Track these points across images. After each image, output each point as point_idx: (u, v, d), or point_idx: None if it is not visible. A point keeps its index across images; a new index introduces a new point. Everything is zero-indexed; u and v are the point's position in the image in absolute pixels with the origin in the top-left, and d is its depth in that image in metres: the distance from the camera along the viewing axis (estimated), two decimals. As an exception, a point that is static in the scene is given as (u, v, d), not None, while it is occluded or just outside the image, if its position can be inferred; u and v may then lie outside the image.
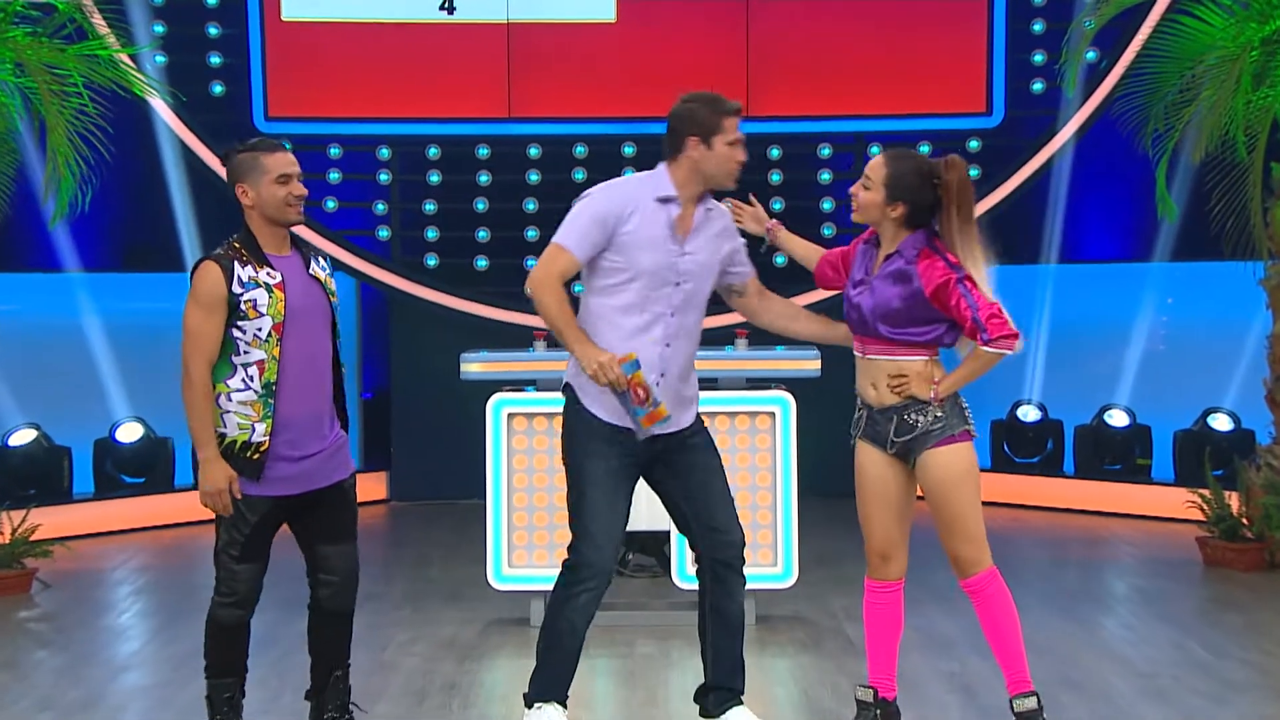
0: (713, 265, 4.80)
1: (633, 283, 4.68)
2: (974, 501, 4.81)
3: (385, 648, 6.51)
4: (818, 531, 8.75)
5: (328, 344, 4.79)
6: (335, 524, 4.85)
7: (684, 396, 4.79)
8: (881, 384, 4.80)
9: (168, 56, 10.45)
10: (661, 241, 4.69)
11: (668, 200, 4.72)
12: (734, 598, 4.84)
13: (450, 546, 9.01)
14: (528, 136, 10.84)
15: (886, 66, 10.71)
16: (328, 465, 4.79)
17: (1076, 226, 11.20)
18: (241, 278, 4.66)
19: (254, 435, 4.66)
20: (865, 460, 4.91)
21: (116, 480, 10.00)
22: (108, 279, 10.64)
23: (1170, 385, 10.62)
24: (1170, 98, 8.18)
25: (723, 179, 4.75)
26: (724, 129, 4.72)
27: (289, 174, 4.71)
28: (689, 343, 4.79)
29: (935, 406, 4.75)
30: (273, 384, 4.66)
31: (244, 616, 4.81)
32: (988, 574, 4.84)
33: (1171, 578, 8.01)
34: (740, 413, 6.78)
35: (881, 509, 4.89)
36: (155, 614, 7.45)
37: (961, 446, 4.78)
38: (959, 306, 4.66)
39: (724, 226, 4.87)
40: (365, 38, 10.68)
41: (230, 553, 4.73)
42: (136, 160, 10.37)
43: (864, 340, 4.82)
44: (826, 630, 6.78)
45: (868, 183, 4.79)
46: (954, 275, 4.67)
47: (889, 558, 4.92)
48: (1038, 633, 6.63)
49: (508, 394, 6.80)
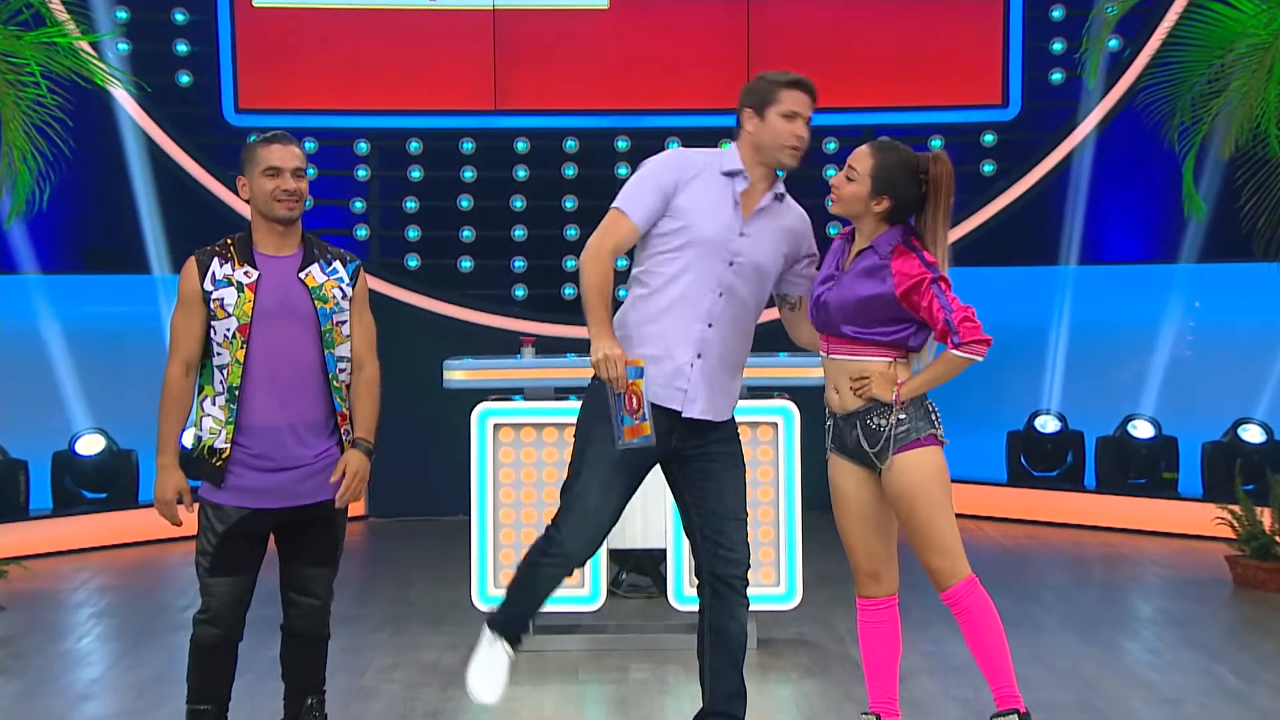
0: (773, 256, 4.82)
1: (685, 250, 4.72)
2: (943, 508, 4.80)
3: (364, 673, 6.50)
4: (823, 549, 8.72)
5: (312, 352, 4.75)
6: (315, 547, 4.84)
7: (719, 388, 4.79)
8: (844, 387, 4.81)
9: (131, 44, 10.46)
10: (722, 212, 4.75)
11: (734, 174, 4.80)
12: (735, 617, 4.84)
13: (433, 566, 9.00)
14: (515, 130, 10.86)
15: (896, 55, 10.74)
16: (309, 483, 4.75)
17: (1098, 225, 11.22)
18: (216, 275, 4.69)
19: (218, 440, 4.69)
20: (838, 474, 4.92)
21: (76, 495, 9.98)
22: (67, 281, 10.64)
23: (1198, 394, 10.63)
24: (1198, 88, 8.18)
25: (778, 154, 4.78)
26: (779, 99, 4.77)
27: (279, 167, 4.71)
28: (736, 334, 4.79)
29: (898, 409, 4.76)
30: (235, 388, 4.67)
31: (222, 637, 4.78)
32: (966, 584, 4.85)
33: (1199, 599, 8.01)
34: (741, 423, 6.70)
35: (860, 524, 4.90)
36: (117, 638, 7.43)
37: (927, 451, 4.78)
38: (931, 307, 4.68)
39: (796, 224, 4.91)
40: (342, 25, 10.70)
41: (202, 564, 4.75)
42: (98, 155, 10.38)
43: (829, 339, 4.83)
44: (832, 654, 6.78)
45: (852, 174, 4.81)
46: (929, 275, 4.70)
47: (878, 575, 4.94)
48: (1057, 657, 6.63)
49: (494, 404, 6.79)
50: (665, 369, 4.72)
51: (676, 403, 4.72)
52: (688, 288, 4.73)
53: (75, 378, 10.49)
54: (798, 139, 4.78)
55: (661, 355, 4.72)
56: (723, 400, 4.82)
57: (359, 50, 10.70)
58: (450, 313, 10.61)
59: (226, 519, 4.71)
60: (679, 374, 4.72)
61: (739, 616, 4.85)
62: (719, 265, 4.73)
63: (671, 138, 10.50)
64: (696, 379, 4.73)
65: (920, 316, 4.72)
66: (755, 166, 4.80)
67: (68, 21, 8.46)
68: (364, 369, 4.88)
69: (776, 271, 4.86)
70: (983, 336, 4.69)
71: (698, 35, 10.67)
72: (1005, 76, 10.77)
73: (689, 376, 4.73)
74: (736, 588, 4.83)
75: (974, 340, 4.68)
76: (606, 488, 4.73)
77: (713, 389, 4.77)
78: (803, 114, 4.79)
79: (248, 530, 4.73)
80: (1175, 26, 8.53)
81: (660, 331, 4.73)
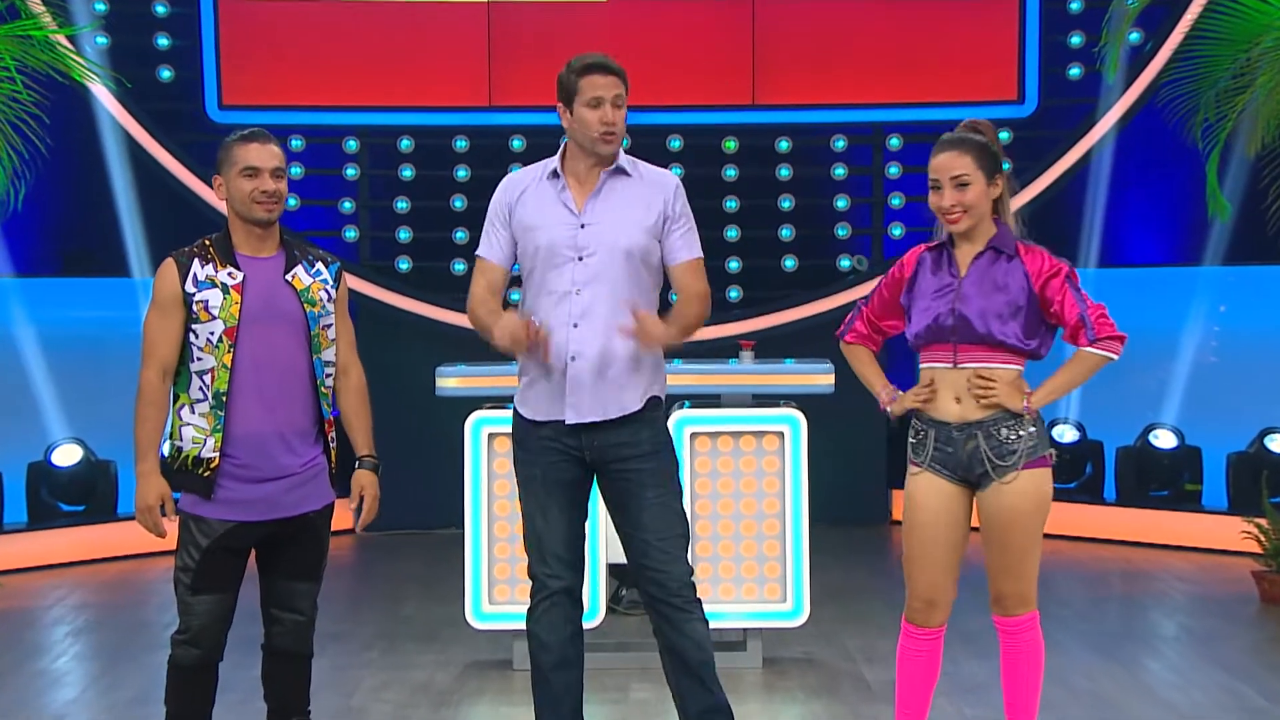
0: (631, 233, 4.80)
1: (535, 261, 4.83)
2: (1040, 534, 4.79)
3: (353, 693, 6.50)
4: (830, 564, 8.76)
5: (300, 357, 4.76)
6: (300, 561, 4.84)
7: (608, 384, 4.78)
8: (966, 394, 4.73)
9: (110, 38, 10.48)
10: (554, 214, 4.82)
11: (556, 174, 4.87)
12: (686, 634, 4.81)
13: (425, 581, 9.01)
14: (510, 127, 10.88)
15: (907, 50, 10.75)
16: (296, 493, 4.77)
17: (1118, 227, 11.23)
18: (198, 276, 4.69)
19: (204, 450, 4.68)
20: (925, 492, 4.81)
21: (53, 508, 9.99)
22: (44, 284, 10.66)
23: (1222, 403, 10.64)
24: (1222, 84, 8.20)
25: (593, 146, 4.80)
26: (579, 89, 4.79)
27: (257, 167, 4.72)
28: (606, 325, 4.76)
29: (1028, 420, 4.74)
30: (222, 394, 4.67)
31: (203, 658, 4.76)
32: (1032, 617, 4.85)
33: (1224, 616, 8.02)
34: (745, 432, 6.79)
35: (934, 548, 4.80)
36: (95, 657, 7.44)
37: (1046, 472, 4.76)
38: (1065, 302, 4.66)
39: (648, 190, 4.88)
40: (330, 17, 10.72)
41: (184, 580, 4.73)
42: (76, 153, 10.38)
43: (959, 347, 4.74)
44: (841, 673, 6.78)
45: (965, 178, 4.74)
46: (1063, 268, 4.70)
47: (936, 604, 4.85)
48: (1076, 675, 6.64)
49: (488, 412, 6.80)
50: (548, 383, 4.80)
51: (560, 412, 4.79)
52: (544, 296, 4.81)
53: (51, 385, 10.50)
54: (605, 125, 4.77)
55: (539, 372, 4.81)
56: (614, 396, 4.79)
57: (348, 44, 10.72)
58: (443, 317, 10.62)
59: (211, 533, 4.69)
60: (558, 383, 4.78)
61: (690, 632, 4.81)
62: (569, 265, 4.78)
63: (673, 135, 10.52)
64: (575, 382, 4.77)
65: (1050, 312, 4.70)
66: (581, 160, 4.86)
67: (44, 14, 8.47)
68: (350, 374, 4.93)
69: (646, 242, 4.82)
70: (1118, 333, 4.66)
71: (700, 29, 10.68)
72: (1021, 71, 10.78)
73: (567, 382, 4.77)
74: (677, 605, 4.80)
75: (1109, 337, 4.66)
76: (542, 507, 4.85)
77: (598, 388, 4.78)
78: (606, 97, 4.77)
79: (232, 545, 4.72)
80: (1198, 19, 8.55)
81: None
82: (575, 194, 4.84)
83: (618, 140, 4.83)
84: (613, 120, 4.78)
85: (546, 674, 4.90)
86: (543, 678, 4.91)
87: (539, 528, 4.86)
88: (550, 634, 4.87)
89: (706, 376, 6.85)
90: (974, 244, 4.79)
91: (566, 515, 4.86)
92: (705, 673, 4.84)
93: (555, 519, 4.84)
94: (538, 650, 4.90)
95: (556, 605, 4.85)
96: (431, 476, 10.03)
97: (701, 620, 4.84)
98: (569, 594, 4.86)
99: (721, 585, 6.78)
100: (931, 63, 10.74)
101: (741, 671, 6.73)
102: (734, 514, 6.75)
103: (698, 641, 4.83)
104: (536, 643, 4.90)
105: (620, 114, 4.81)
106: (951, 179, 4.74)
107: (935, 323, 4.76)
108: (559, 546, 4.85)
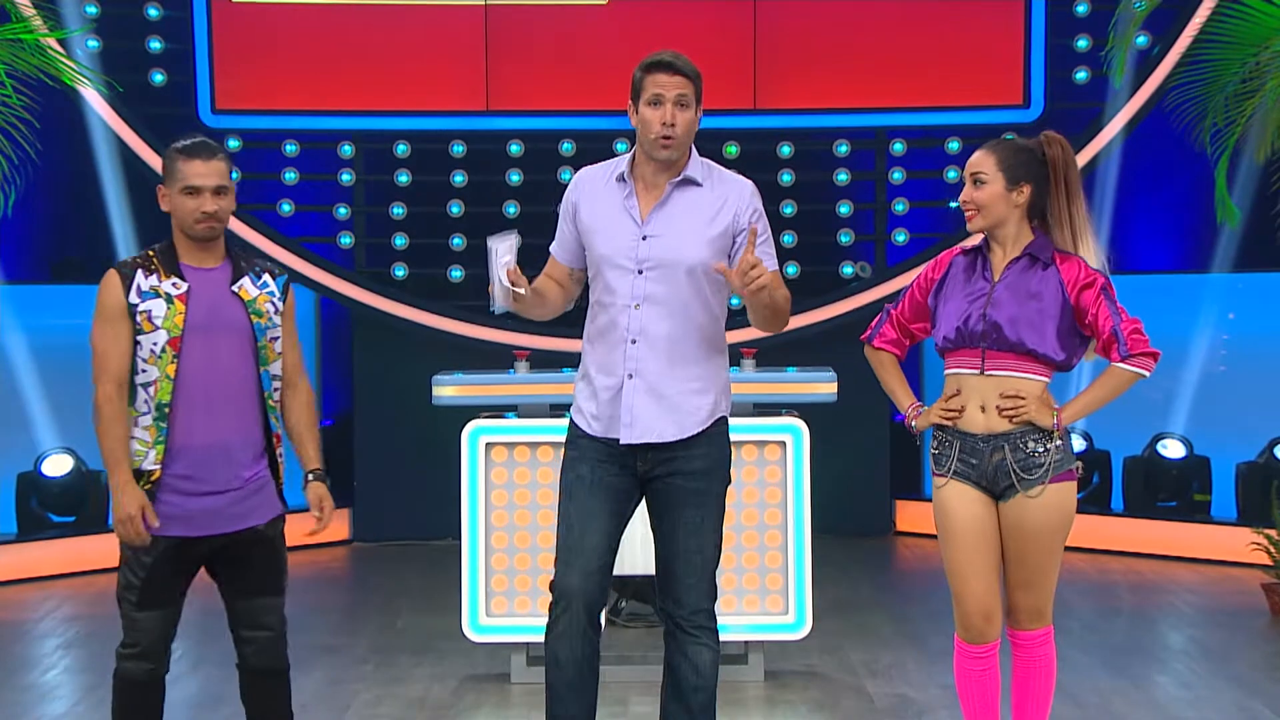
0: (694, 247, 4.65)
1: (597, 269, 4.74)
2: (1061, 548, 4.80)
3: (348, 707, 6.49)
4: (834, 575, 8.75)
5: (246, 369, 4.71)
6: (254, 576, 4.78)
7: (665, 406, 4.68)
8: (993, 404, 4.71)
9: (101, 41, 10.47)
10: (617, 221, 4.71)
11: (622, 178, 4.75)
12: (687, 656, 4.75)
13: (421, 593, 8.99)
14: (508, 132, 10.86)
15: (911, 53, 10.74)
16: (242, 506, 4.71)
17: (1125, 233, 11.23)
18: (142, 286, 4.67)
19: (145, 463, 4.66)
20: (956, 503, 4.78)
21: (42, 519, 9.97)
22: (33, 291, 10.64)
23: (1232, 412, 10.62)
24: (1231, 88, 8.19)
25: (651, 149, 4.67)
26: (643, 86, 4.66)
27: (197, 186, 4.66)
28: (675, 344, 4.68)
29: (1056, 435, 4.71)
30: (165, 406, 4.64)
31: (154, 671, 4.74)
32: (1047, 632, 4.85)
33: (1234, 629, 8.01)
34: (746, 442, 6.77)
35: (977, 556, 4.75)
36: (86, 670, 7.42)
37: (1071, 486, 4.76)
38: (1098, 315, 4.64)
39: (718, 200, 4.71)
40: (325, 21, 10.71)
41: (129, 598, 4.70)
42: (66, 158, 10.38)
43: (988, 354, 4.71)
44: (845, 687, 6.77)
45: (981, 177, 4.73)
46: (1100, 279, 4.68)
47: (992, 616, 4.79)
48: (1084, 690, 6.63)
49: (486, 421, 6.80)
50: (603, 396, 4.71)
51: (615, 431, 4.69)
52: (606, 307, 4.72)
53: (41, 394, 10.47)
54: (662, 125, 4.61)
55: (597, 382, 4.73)
56: (670, 419, 4.69)
57: (343, 47, 10.70)
58: (440, 325, 10.61)
59: (154, 549, 4.66)
60: (615, 399, 4.69)
61: (691, 656, 4.74)
62: (628, 277, 4.67)
63: (674, 140, 10.49)
64: (631, 401, 4.67)
65: (1084, 323, 4.68)
66: (647, 165, 4.72)
67: (34, 17, 8.47)
68: (299, 387, 4.87)
69: (710, 257, 4.66)
70: (1152, 350, 4.65)
71: (701, 32, 10.66)
72: (1027, 75, 10.77)
73: (623, 400, 4.68)
74: (685, 628, 4.74)
75: (1143, 353, 4.64)
76: (582, 512, 4.70)
77: (655, 408, 4.68)
78: (668, 96, 4.62)
79: (177, 560, 4.70)
80: (1207, 23, 8.56)
81: (594, 358, 4.76)
82: (641, 201, 4.71)
83: (677, 145, 4.64)
84: (670, 121, 4.60)
85: (560, 693, 4.77)
86: (556, 697, 4.77)
87: (573, 535, 4.70)
88: (567, 652, 4.72)
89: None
90: (1009, 249, 4.77)
91: (605, 525, 4.70)
92: (696, 701, 4.75)
93: (591, 527, 4.68)
94: (552, 667, 4.75)
95: (576, 622, 4.69)
96: (427, 487, 10.00)
97: (708, 648, 4.74)
98: (589, 612, 4.71)
99: (723, 597, 6.72)
100: (936, 67, 10.72)
101: (743, 684, 6.72)
102: (735, 525, 6.73)
103: (697, 667, 4.74)
104: (552, 659, 4.74)
105: (685, 115, 4.62)
106: (971, 175, 4.75)
107: (965, 326, 4.72)
108: (590, 557, 4.68)
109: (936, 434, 4.84)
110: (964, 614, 4.81)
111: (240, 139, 10.63)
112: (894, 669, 7.08)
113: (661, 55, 4.66)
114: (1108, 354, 4.69)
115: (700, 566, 4.73)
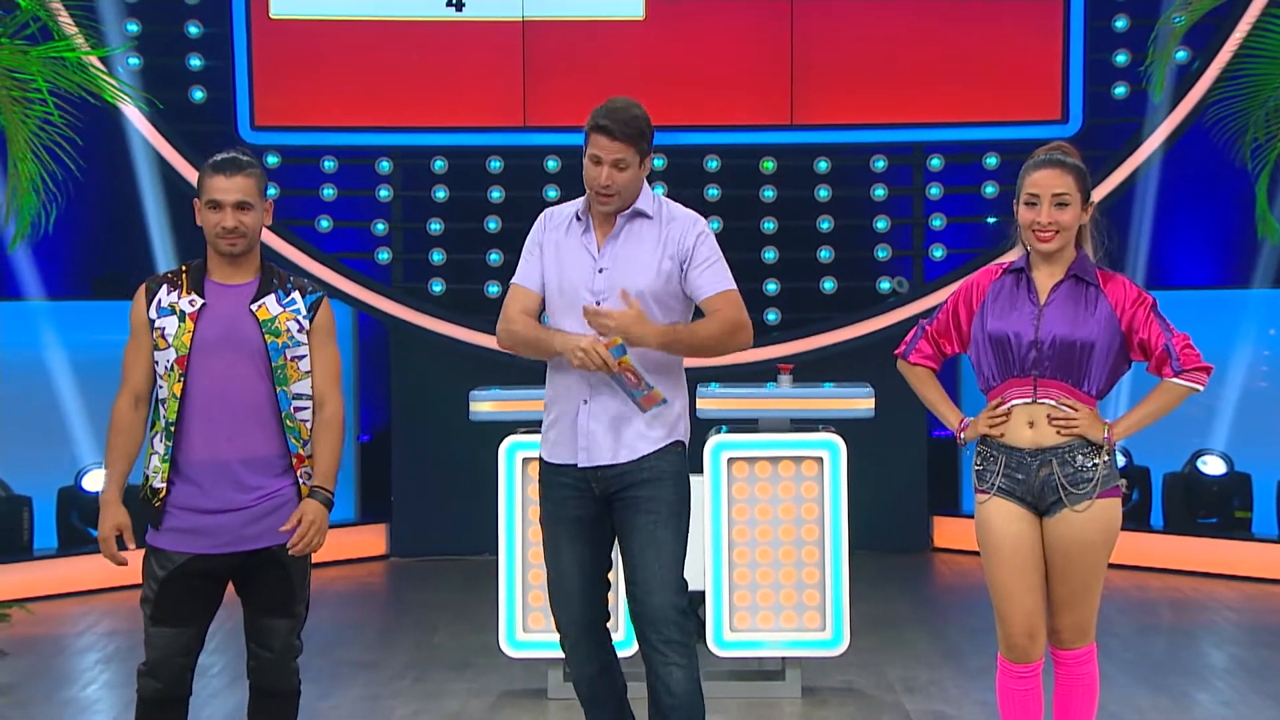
0: (648, 276, 4.79)
1: (554, 302, 4.89)
2: (1105, 566, 4.80)
3: (384, 723, 6.51)
4: (870, 592, 8.72)
5: (260, 388, 4.69)
6: (268, 596, 4.76)
7: (623, 427, 4.77)
8: (1041, 420, 4.69)
9: (143, 59, 10.55)
10: (574, 257, 4.87)
11: (580, 216, 4.91)
12: (659, 677, 4.75)
13: (458, 609, 9.01)
14: (545, 148, 10.89)
15: (948, 68, 10.72)
16: (255, 527, 4.69)
17: (1165, 248, 11.19)
18: (162, 302, 4.73)
19: (157, 480, 4.71)
20: (1000, 520, 4.75)
21: (83, 534, 10.00)
22: (75, 307, 10.71)
23: (1273, 428, 10.57)
24: (1272, 103, 8.18)
25: (593, 200, 4.85)
26: (588, 142, 4.83)
27: (219, 201, 4.69)
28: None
29: (1105, 450, 4.70)
30: (173, 424, 4.67)
31: (163, 691, 4.71)
32: (1091, 650, 4.84)
33: (1276, 647, 7.96)
34: (784, 458, 6.77)
35: (1021, 575, 4.74)
36: (126, 684, 7.45)
37: (1117, 503, 4.75)
38: (1151, 333, 4.63)
39: (670, 230, 4.85)
40: (363, 37, 10.76)
41: (145, 611, 4.73)
42: (107, 175, 10.45)
43: (1039, 382, 4.68)
44: (884, 705, 6.76)
45: (1064, 199, 4.69)
46: (1149, 299, 4.69)
47: (1036, 635, 4.78)
48: (1123, 708, 6.60)
49: (523, 436, 6.81)
50: (561, 426, 4.84)
51: (573, 456, 4.80)
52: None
53: (82, 410, 10.53)
54: (600, 186, 4.78)
55: (555, 413, 4.86)
56: (626, 442, 4.78)
57: (381, 64, 10.75)
58: (477, 340, 10.62)
59: (168, 564, 4.68)
60: (572, 427, 4.80)
61: (662, 675, 4.75)
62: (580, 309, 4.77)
63: (710, 155, 10.52)
64: (587, 426, 4.78)
65: (1135, 343, 4.67)
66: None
67: (76, 35, 8.52)
68: (325, 407, 4.80)
69: (663, 285, 4.80)
70: (1204, 364, 4.64)
71: (738, 47, 10.68)
72: (1065, 90, 10.74)
73: (580, 426, 4.78)
74: (653, 642, 4.75)
75: (1196, 368, 4.63)
76: (555, 546, 4.88)
77: (611, 433, 4.77)
78: (605, 159, 4.77)
79: (191, 577, 4.69)
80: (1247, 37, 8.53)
81: (553, 390, 4.89)
82: (598, 236, 4.88)
83: (615, 201, 4.82)
84: (606, 184, 4.77)
85: (586, 708, 5.04)
86: (586, 712, 5.06)
87: (552, 566, 4.92)
88: (578, 670, 4.98)
89: (744, 400, 6.84)
90: (1054, 269, 4.74)
91: (577, 551, 4.86)
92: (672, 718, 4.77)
93: (566, 555, 4.87)
94: (574, 683, 5.04)
95: (578, 645, 4.92)
96: (465, 502, 10.04)
97: (678, 666, 4.73)
98: (588, 633, 4.90)
99: (760, 613, 6.76)
100: (973, 82, 10.70)
101: (780, 701, 6.71)
102: (772, 541, 6.74)
103: (669, 686, 4.74)
104: (572, 677, 5.06)
105: (622, 176, 4.77)
106: (1053, 196, 4.69)
107: (1015, 353, 4.69)
108: (570, 583, 4.88)
109: (980, 449, 4.82)
110: (1008, 634, 4.78)
111: (279, 155, 10.68)
112: (932, 686, 7.06)
113: (604, 117, 4.80)
114: (1160, 370, 4.67)
115: (658, 574, 4.74)
